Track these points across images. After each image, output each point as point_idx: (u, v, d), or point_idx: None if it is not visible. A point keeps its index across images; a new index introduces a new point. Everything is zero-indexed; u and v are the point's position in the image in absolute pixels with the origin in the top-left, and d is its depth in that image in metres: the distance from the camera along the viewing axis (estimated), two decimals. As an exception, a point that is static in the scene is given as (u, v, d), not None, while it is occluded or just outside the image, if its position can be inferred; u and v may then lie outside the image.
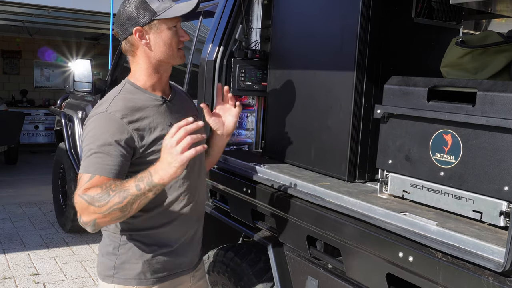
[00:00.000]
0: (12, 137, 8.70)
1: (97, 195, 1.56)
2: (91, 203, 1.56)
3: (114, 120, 1.67)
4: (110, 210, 1.56)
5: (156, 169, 1.56)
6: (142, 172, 1.59)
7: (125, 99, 1.75)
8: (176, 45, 1.80)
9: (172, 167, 1.53)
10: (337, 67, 2.15)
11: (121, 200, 1.55)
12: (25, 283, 4.25)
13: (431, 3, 2.20)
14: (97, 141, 1.65)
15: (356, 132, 2.09)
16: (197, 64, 2.90)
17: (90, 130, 1.69)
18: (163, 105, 1.82)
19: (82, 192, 1.59)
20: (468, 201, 1.59)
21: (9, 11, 8.27)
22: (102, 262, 1.86)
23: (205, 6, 3.11)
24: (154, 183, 1.56)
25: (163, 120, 1.79)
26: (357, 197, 1.85)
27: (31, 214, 6.20)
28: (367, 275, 1.74)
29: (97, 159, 1.63)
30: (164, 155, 1.54)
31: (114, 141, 1.64)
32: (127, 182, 1.58)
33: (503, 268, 1.28)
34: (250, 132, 2.88)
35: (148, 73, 1.81)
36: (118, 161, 1.64)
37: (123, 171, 1.67)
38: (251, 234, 2.40)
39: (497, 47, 1.87)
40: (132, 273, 1.80)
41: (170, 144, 1.53)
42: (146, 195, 1.58)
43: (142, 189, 1.56)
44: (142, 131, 1.71)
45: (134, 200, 1.57)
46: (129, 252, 1.81)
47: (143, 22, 1.74)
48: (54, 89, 12.68)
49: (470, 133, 1.58)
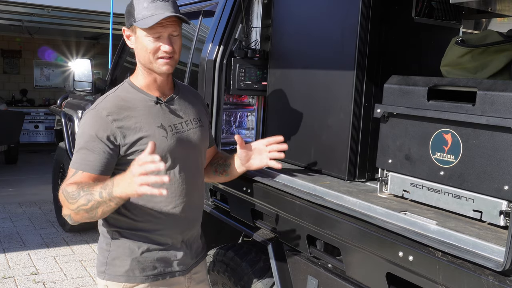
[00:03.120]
0: (12, 136, 8.70)
1: (71, 192, 1.61)
2: (66, 198, 1.62)
3: (99, 117, 1.72)
4: (77, 209, 1.61)
5: (119, 183, 1.55)
6: (110, 180, 1.59)
7: (117, 97, 1.80)
8: (153, 53, 1.76)
9: (130, 189, 1.51)
10: (337, 67, 2.15)
11: (86, 202, 1.59)
12: (25, 282, 4.25)
13: (431, 2, 2.20)
14: (83, 137, 1.72)
15: (356, 131, 2.09)
16: (197, 63, 2.90)
17: (80, 127, 1.77)
18: (157, 105, 1.82)
19: (64, 186, 1.65)
20: (468, 201, 1.59)
21: (9, 11, 8.27)
22: (98, 259, 1.91)
23: (205, 6, 3.11)
24: (113, 196, 1.56)
25: (152, 121, 1.79)
26: (357, 196, 1.86)
27: (31, 214, 6.20)
28: (367, 274, 1.75)
29: (82, 155, 1.70)
30: (127, 176, 1.51)
31: (98, 138, 1.69)
32: (96, 186, 1.60)
33: (503, 267, 1.28)
34: (250, 132, 2.88)
35: (142, 72, 1.86)
36: (101, 157, 1.69)
37: (107, 168, 1.71)
38: (251, 233, 2.40)
39: (497, 47, 1.87)
40: (121, 270, 1.82)
41: (135, 171, 1.48)
42: (108, 204, 1.58)
43: (104, 197, 1.57)
44: (126, 130, 1.73)
45: (98, 206, 1.59)
46: (119, 249, 1.83)
47: (127, 25, 1.83)
48: (54, 88, 12.68)
49: (470, 133, 1.58)
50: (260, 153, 2.01)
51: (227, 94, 2.69)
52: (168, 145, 1.80)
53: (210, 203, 2.72)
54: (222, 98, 2.64)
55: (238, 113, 2.84)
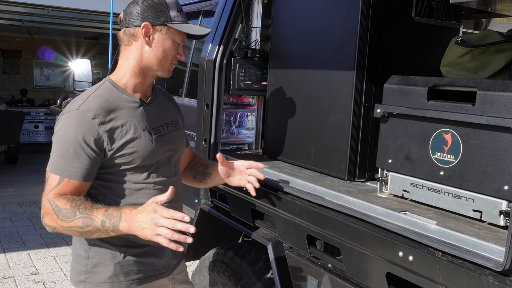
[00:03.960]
0: (12, 136, 8.70)
1: (64, 210, 1.56)
2: (57, 213, 1.57)
3: (85, 120, 1.63)
4: (70, 228, 1.58)
5: (128, 219, 1.55)
6: (114, 208, 1.58)
7: (101, 97, 1.70)
8: (171, 59, 1.80)
9: (143, 234, 1.53)
10: (337, 67, 2.15)
11: (83, 226, 1.56)
12: (25, 282, 4.25)
13: (431, 2, 2.20)
14: (66, 140, 1.62)
15: (356, 131, 2.09)
16: (197, 63, 2.90)
17: (61, 127, 1.65)
18: (140, 107, 1.78)
19: (52, 197, 1.59)
20: (468, 201, 1.59)
21: (9, 11, 8.27)
22: (73, 268, 1.80)
23: (205, 6, 3.12)
24: (118, 230, 1.56)
25: (137, 124, 1.75)
26: (357, 196, 1.85)
27: (31, 214, 6.20)
28: (367, 274, 1.74)
29: (65, 160, 1.61)
30: (145, 219, 1.51)
31: (84, 142, 1.61)
32: (96, 211, 1.56)
33: (503, 267, 1.28)
34: (250, 132, 2.88)
35: (134, 72, 1.78)
36: (86, 163, 1.62)
37: (91, 174, 1.65)
38: (251, 233, 2.40)
39: (497, 47, 1.87)
40: (104, 277, 1.74)
41: (156, 221, 1.50)
42: (107, 233, 1.58)
43: (106, 227, 1.56)
44: (113, 133, 1.67)
45: (95, 232, 1.58)
46: (100, 255, 1.75)
47: (155, 22, 1.73)
48: (54, 88, 12.69)
49: (470, 133, 1.58)
50: (240, 173, 2.04)
51: (227, 94, 2.69)
52: (153, 148, 1.78)
53: (210, 203, 2.72)
54: (222, 98, 2.64)
55: (238, 113, 2.84)
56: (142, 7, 1.73)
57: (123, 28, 1.78)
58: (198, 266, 2.80)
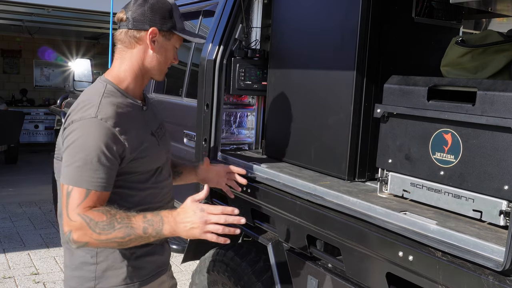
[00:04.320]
0: (12, 136, 8.70)
1: (101, 222, 1.51)
2: (93, 228, 1.51)
3: (106, 128, 1.57)
4: (109, 241, 1.53)
5: (170, 221, 1.57)
6: (152, 214, 1.58)
7: (112, 104, 1.64)
8: (169, 63, 1.82)
9: (191, 233, 1.57)
10: (337, 67, 2.15)
11: (124, 236, 1.53)
12: (25, 282, 4.25)
13: (431, 2, 2.20)
14: (87, 150, 1.54)
15: (356, 131, 2.09)
16: (197, 63, 2.90)
17: (79, 136, 1.56)
18: (143, 111, 1.78)
19: (82, 211, 1.52)
20: (468, 200, 1.59)
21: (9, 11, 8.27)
22: (76, 276, 1.72)
23: (205, 6, 3.12)
24: (163, 234, 1.57)
25: (146, 128, 1.76)
26: (357, 196, 1.86)
27: (31, 214, 6.20)
28: (367, 274, 1.75)
29: (90, 171, 1.54)
30: (192, 219, 1.56)
31: (107, 151, 1.56)
32: (134, 218, 1.55)
33: (503, 267, 1.28)
34: (250, 132, 2.88)
35: (135, 75, 1.75)
36: (110, 173, 1.58)
37: (112, 183, 1.61)
38: (251, 233, 2.40)
39: (497, 47, 1.87)
40: (117, 280, 1.71)
41: (206, 219, 1.56)
42: (149, 239, 1.58)
43: (149, 233, 1.56)
44: (133, 141, 1.64)
45: (136, 240, 1.56)
46: (109, 258, 1.71)
47: (162, 28, 1.72)
48: (54, 88, 12.68)
49: (470, 133, 1.58)
50: (219, 176, 2.13)
51: (227, 94, 2.69)
52: (160, 151, 1.80)
53: (210, 203, 2.72)
54: (222, 98, 2.64)
55: (238, 113, 2.84)
56: (149, 10, 1.70)
57: (124, 28, 1.73)
58: (198, 266, 2.80)
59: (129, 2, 1.75)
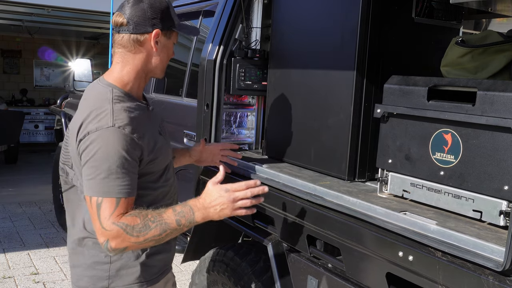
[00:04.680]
0: (12, 136, 8.70)
1: (136, 225, 1.55)
2: (130, 233, 1.54)
3: (125, 135, 1.58)
4: (146, 241, 1.57)
5: (200, 208, 1.62)
6: (181, 205, 1.63)
7: (124, 109, 1.64)
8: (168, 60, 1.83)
9: (223, 214, 1.64)
10: (337, 67, 2.15)
11: (160, 232, 1.58)
12: (25, 282, 4.25)
13: (431, 2, 2.20)
14: (110, 160, 1.54)
15: (356, 131, 2.09)
16: (197, 63, 2.90)
17: (100, 148, 1.55)
18: (149, 112, 1.79)
19: (116, 220, 1.54)
20: (468, 201, 1.59)
21: (9, 11, 8.27)
22: (88, 276, 1.73)
23: (205, 6, 3.12)
24: (196, 221, 1.63)
25: (155, 128, 1.78)
26: (357, 196, 1.86)
27: (31, 214, 6.20)
28: (367, 274, 1.75)
29: (116, 181, 1.55)
30: (220, 201, 1.63)
31: (130, 158, 1.58)
32: (165, 213, 1.60)
33: (503, 267, 1.28)
34: (250, 132, 2.88)
35: (138, 77, 1.74)
36: (134, 178, 1.61)
37: (136, 186, 1.64)
38: (251, 233, 2.40)
39: (497, 47, 1.87)
40: (131, 278, 1.73)
41: (233, 197, 1.63)
42: (182, 229, 1.63)
43: (182, 224, 1.61)
44: (149, 144, 1.67)
45: (171, 233, 1.61)
46: (123, 257, 1.72)
47: (163, 27, 1.71)
48: (54, 88, 12.68)
49: (470, 133, 1.58)
50: (213, 154, 2.25)
51: (227, 94, 2.69)
52: (168, 150, 1.85)
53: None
54: (222, 98, 2.64)
55: (238, 113, 2.84)
56: (149, 12, 1.68)
57: (125, 33, 1.68)
58: (198, 266, 2.80)
59: (124, 4, 1.70)
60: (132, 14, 1.67)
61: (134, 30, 1.68)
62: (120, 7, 1.72)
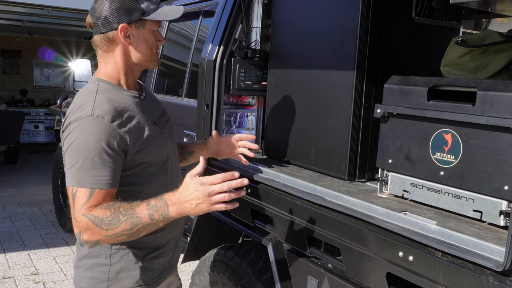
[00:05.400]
0: (12, 136, 8.70)
1: (106, 218, 1.49)
2: (99, 225, 1.49)
3: (104, 124, 1.55)
4: (117, 235, 1.51)
5: (175, 203, 1.52)
6: (155, 199, 1.54)
7: (108, 99, 1.61)
8: (155, 48, 1.75)
9: (199, 209, 1.52)
10: (337, 67, 2.15)
11: (131, 227, 1.51)
12: (25, 282, 4.25)
13: (431, 2, 2.20)
14: (87, 149, 1.52)
15: (356, 131, 2.09)
16: (197, 63, 2.90)
17: (78, 137, 1.53)
18: (141, 102, 1.74)
19: (87, 211, 1.50)
20: (468, 201, 1.59)
21: (9, 11, 8.26)
22: (88, 277, 1.71)
23: (205, 6, 3.12)
24: (170, 217, 1.53)
25: (147, 118, 1.71)
26: (357, 196, 1.86)
27: (31, 214, 6.20)
28: (367, 274, 1.74)
29: (92, 171, 1.52)
30: (195, 195, 1.51)
31: (108, 148, 1.53)
32: (138, 207, 1.52)
33: (503, 267, 1.28)
34: (250, 132, 2.88)
35: (124, 72, 1.71)
36: (114, 169, 1.55)
37: (118, 179, 1.59)
38: (251, 233, 2.40)
39: (497, 47, 1.87)
40: (130, 282, 1.70)
41: (209, 191, 1.50)
42: (157, 225, 1.55)
43: (156, 219, 1.52)
44: (133, 133, 1.61)
45: (144, 228, 1.53)
46: (123, 260, 1.70)
47: (130, 20, 1.64)
48: (54, 88, 12.67)
49: (470, 133, 1.58)
50: (230, 146, 2.16)
51: (227, 94, 2.69)
52: (164, 140, 1.78)
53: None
54: (222, 98, 2.64)
55: (238, 113, 2.84)
56: (113, 7, 1.62)
57: (97, 33, 1.67)
58: (198, 266, 2.80)
59: (92, 4, 1.68)
60: (97, 13, 1.65)
61: (102, 29, 1.65)
62: (90, 8, 1.69)
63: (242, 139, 2.15)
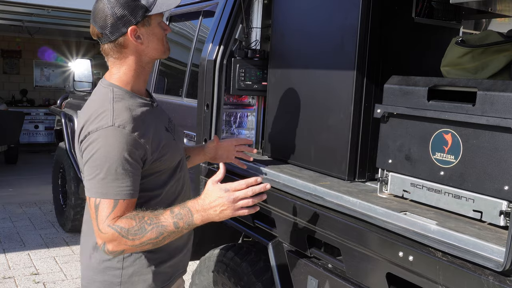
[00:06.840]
0: (12, 136, 8.70)
1: (131, 228, 1.50)
2: (125, 236, 1.50)
3: (125, 135, 1.53)
4: (143, 244, 1.52)
5: (199, 210, 1.54)
6: (179, 207, 1.55)
7: (126, 107, 1.60)
8: (165, 39, 1.73)
9: (223, 215, 1.54)
10: (337, 67, 2.15)
11: (157, 235, 1.51)
12: (25, 282, 4.25)
13: (431, 2, 2.20)
14: (110, 160, 1.51)
15: (356, 131, 2.09)
16: (197, 63, 2.90)
17: (100, 147, 1.52)
18: (153, 108, 1.74)
19: (112, 223, 1.50)
20: (468, 201, 1.59)
21: (9, 11, 8.26)
22: (99, 281, 1.70)
23: (205, 6, 3.11)
24: (195, 224, 1.55)
25: (161, 126, 1.72)
26: (357, 196, 1.86)
27: (31, 214, 6.20)
28: (367, 274, 1.74)
29: (116, 182, 1.52)
30: (220, 202, 1.53)
31: (130, 158, 1.53)
32: (162, 216, 1.53)
33: (503, 267, 1.28)
34: (250, 132, 2.88)
35: (137, 73, 1.69)
36: (135, 179, 1.56)
37: (138, 188, 1.58)
38: (251, 233, 2.40)
39: (497, 47, 1.87)
40: (143, 286, 1.70)
41: (233, 197, 1.52)
42: (182, 232, 1.56)
43: (181, 227, 1.53)
44: (152, 142, 1.62)
45: (169, 236, 1.54)
46: (136, 264, 1.69)
47: (137, 20, 1.61)
48: (54, 88, 12.68)
49: (470, 133, 1.58)
50: (228, 151, 2.19)
51: (227, 94, 2.69)
52: (177, 147, 1.79)
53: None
54: (222, 98, 2.64)
55: (238, 113, 2.84)
56: (115, 12, 1.59)
57: (106, 42, 1.64)
58: (198, 266, 2.80)
59: (93, 13, 1.65)
60: (101, 22, 1.62)
61: (111, 37, 1.63)
62: (92, 18, 1.66)
63: (240, 144, 2.19)
